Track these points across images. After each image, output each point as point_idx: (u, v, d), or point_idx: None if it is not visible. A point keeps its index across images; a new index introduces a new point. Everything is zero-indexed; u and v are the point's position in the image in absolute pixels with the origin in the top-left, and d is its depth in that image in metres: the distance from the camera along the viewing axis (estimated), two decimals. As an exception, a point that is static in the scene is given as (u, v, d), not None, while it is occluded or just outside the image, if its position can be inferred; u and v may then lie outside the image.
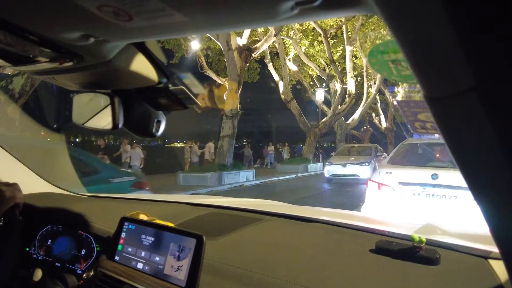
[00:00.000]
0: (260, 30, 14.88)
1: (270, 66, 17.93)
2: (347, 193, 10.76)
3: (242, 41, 13.61)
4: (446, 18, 0.28)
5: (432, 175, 4.04)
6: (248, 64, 14.34)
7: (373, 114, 32.01)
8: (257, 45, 13.96)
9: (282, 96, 16.99)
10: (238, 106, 13.50)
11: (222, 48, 13.84)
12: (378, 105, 29.98)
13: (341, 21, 17.26)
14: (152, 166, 17.27)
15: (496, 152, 0.35)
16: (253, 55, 13.84)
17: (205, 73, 16.40)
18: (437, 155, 4.66)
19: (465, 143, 0.38)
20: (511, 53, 0.29)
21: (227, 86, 13.85)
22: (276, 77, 17.59)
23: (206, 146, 17.80)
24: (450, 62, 0.32)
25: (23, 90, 8.34)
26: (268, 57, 17.85)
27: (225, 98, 13.72)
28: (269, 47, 17.00)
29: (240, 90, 13.43)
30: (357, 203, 7.48)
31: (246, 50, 13.43)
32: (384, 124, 31.80)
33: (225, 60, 13.88)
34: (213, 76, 16.53)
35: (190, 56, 16.75)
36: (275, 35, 13.55)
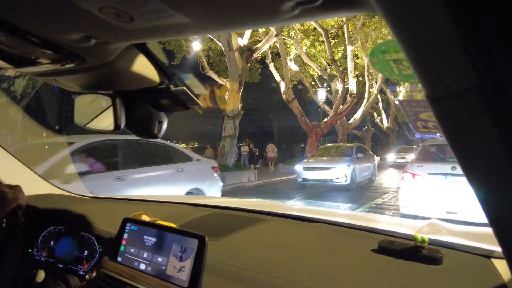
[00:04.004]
0: (261, 30, 14.87)
1: (272, 67, 17.88)
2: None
3: (243, 41, 13.60)
4: (447, 17, 0.28)
5: (452, 167, 5.24)
6: (249, 64, 14.32)
7: (375, 114, 31.97)
8: (258, 45, 13.95)
9: (284, 96, 16.94)
10: (240, 107, 13.50)
11: (223, 49, 13.84)
12: (380, 104, 29.94)
13: (342, 20, 17.21)
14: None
15: (497, 151, 0.35)
16: (254, 55, 13.83)
17: (206, 74, 16.39)
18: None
19: (467, 142, 0.38)
20: (511, 52, 0.29)
21: (228, 86, 13.83)
22: (277, 77, 17.53)
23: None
24: (451, 61, 0.32)
25: (25, 91, 8.36)
26: (269, 57, 17.79)
27: (226, 98, 13.70)
28: (270, 47, 16.97)
29: (241, 91, 13.42)
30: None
31: (247, 51, 13.43)
32: (386, 123, 31.74)
33: (226, 60, 13.86)
34: (215, 76, 16.52)
35: (191, 57, 16.76)
36: (276, 35, 13.54)
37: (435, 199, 5.28)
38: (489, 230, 0.46)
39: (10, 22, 0.46)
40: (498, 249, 0.87)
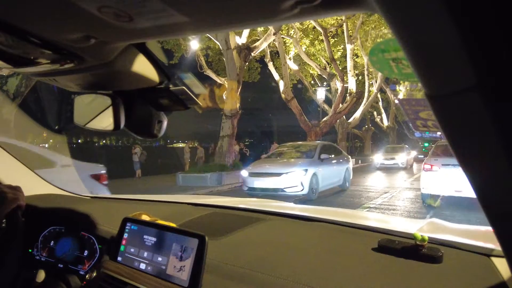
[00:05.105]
0: (260, 29, 14.83)
1: (270, 65, 17.83)
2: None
3: (241, 40, 13.54)
4: (447, 16, 0.28)
5: None
6: (247, 63, 14.23)
7: (375, 113, 31.96)
8: (257, 44, 13.85)
9: (283, 95, 16.86)
10: (238, 106, 13.42)
11: (221, 48, 13.78)
12: (380, 103, 29.93)
13: (341, 19, 17.19)
14: (152, 167, 17.18)
15: (497, 150, 0.35)
16: (252, 54, 13.74)
17: (204, 73, 16.35)
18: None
19: (466, 141, 0.38)
20: (511, 50, 0.29)
21: (226, 85, 13.77)
22: (276, 76, 17.48)
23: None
24: (451, 60, 0.32)
25: (18, 91, 8.29)
26: (268, 56, 17.75)
27: (224, 97, 13.63)
28: (269, 46, 16.91)
29: (239, 90, 13.33)
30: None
31: (245, 49, 13.32)
32: (386, 123, 31.75)
33: (224, 59, 13.77)
34: (213, 75, 16.49)
35: (189, 56, 16.71)
36: (274, 34, 13.48)
37: (447, 182, 7.42)
38: (489, 228, 0.46)
39: (9, 22, 0.46)
40: (498, 247, 0.87)
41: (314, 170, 9.29)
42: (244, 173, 9.77)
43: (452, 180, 7.24)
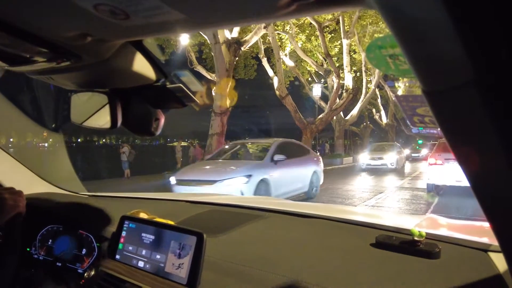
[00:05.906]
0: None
1: (264, 61, 17.32)
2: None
3: (231, 34, 13.09)
4: (445, 12, 0.28)
5: None
6: (237, 58, 13.45)
7: (374, 110, 31.91)
8: (246, 38, 13.27)
9: (277, 92, 16.36)
10: (228, 103, 12.94)
11: (209, 42, 13.28)
12: (379, 100, 29.87)
13: (338, 13, 17.01)
14: (144, 166, 16.80)
15: (494, 146, 0.35)
16: (242, 48, 13.07)
17: (194, 69, 15.89)
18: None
19: (463, 137, 0.38)
20: (509, 46, 0.29)
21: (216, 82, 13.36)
22: (271, 72, 17.09)
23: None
24: (448, 56, 0.32)
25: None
26: (262, 52, 17.33)
27: (213, 94, 13.16)
28: (265, 42, 16.71)
29: (230, 86, 12.60)
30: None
31: (235, 44, 12.62)
32: (384, 120, 31.74)
33: (213, 54, 13.02)
34: (203, 71, 16.10)
35: (180, 52, 16.26)
36: (264, 27, 12.92)
37: (449, 174, 8.59)
38: (486, 224, 0.47)
39: (6, 21, 0.45)
40: (495, 242, 0.87)
41: (263, 176, 7.41)
42: (172, 180, 7.64)
43: (453, 172, 8.48)
